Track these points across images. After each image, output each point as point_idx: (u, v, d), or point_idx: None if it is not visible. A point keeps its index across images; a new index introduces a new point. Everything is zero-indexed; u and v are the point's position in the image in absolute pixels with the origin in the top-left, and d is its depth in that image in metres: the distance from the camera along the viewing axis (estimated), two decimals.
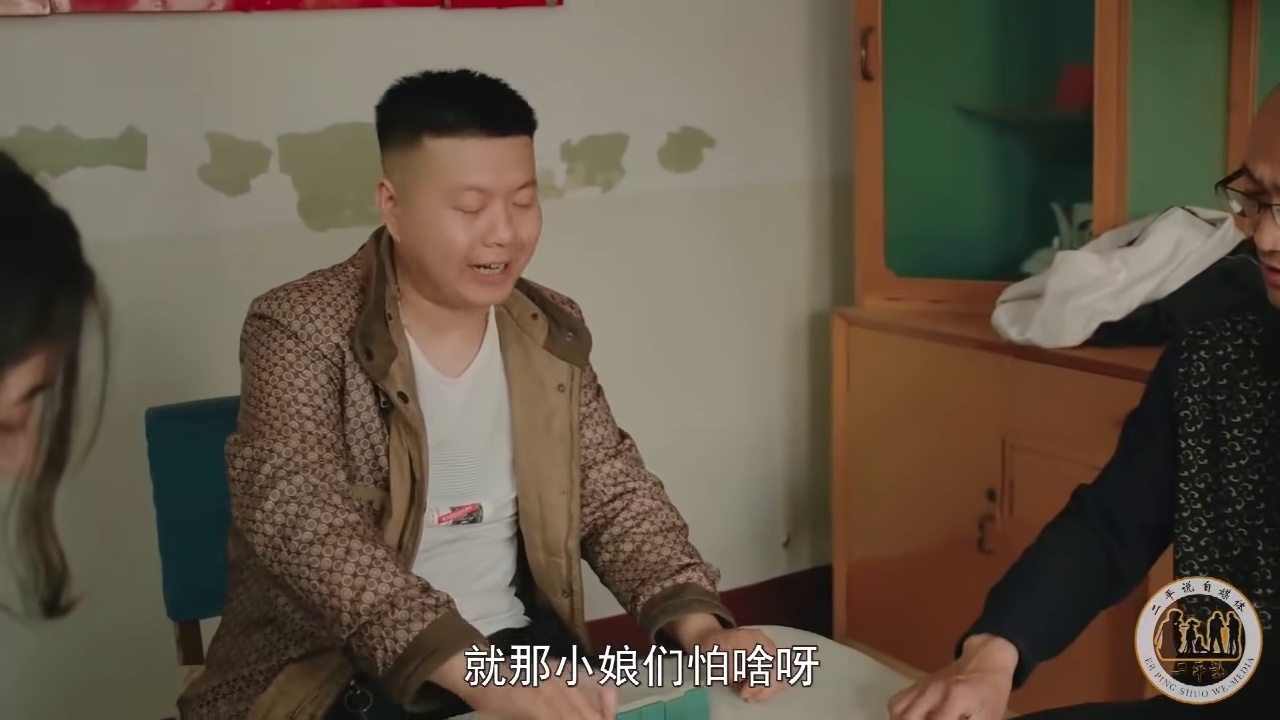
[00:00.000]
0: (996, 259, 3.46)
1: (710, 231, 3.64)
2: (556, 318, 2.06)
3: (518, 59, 3.27)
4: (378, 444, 1.91)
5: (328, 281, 1.95)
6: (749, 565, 3.78)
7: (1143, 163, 3.10)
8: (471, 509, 2.00)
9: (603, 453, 2.10)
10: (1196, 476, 1.77)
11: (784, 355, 3.80)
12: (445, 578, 1.96)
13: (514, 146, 1.88)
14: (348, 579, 1.71)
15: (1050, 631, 1.76)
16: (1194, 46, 3.19)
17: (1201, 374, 1.77)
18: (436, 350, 1.98)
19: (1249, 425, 1.72)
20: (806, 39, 3.71)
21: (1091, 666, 2.96)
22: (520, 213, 1.90)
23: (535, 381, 2.03)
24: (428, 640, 1.66)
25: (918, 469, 3.33)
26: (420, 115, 1.88)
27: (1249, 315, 1.77)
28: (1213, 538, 1.75)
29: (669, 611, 1.91)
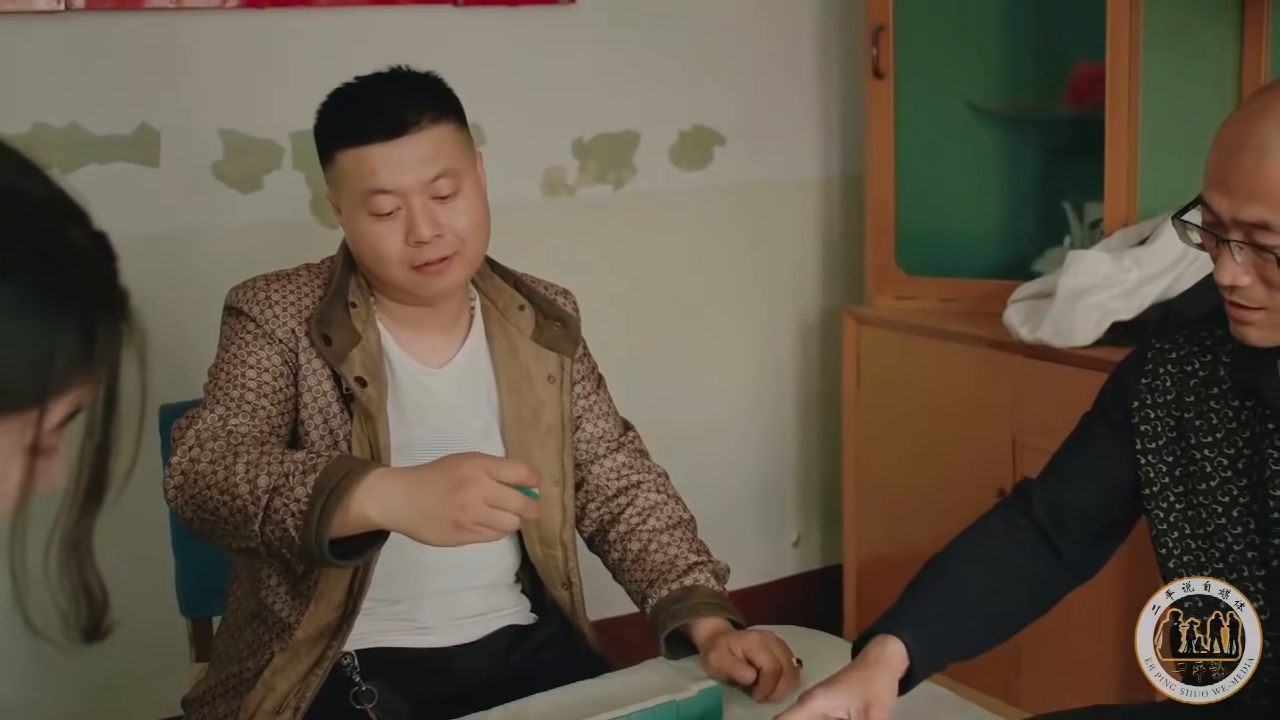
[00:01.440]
0: (1007, 258, 3.46)
1: (721, 229, 3.64)
2: (543, 308, 2.06)
3: (529, 57, 3.30)
4: (338, 429, 1.91)
5: (297, 272, 1.98)
6: (759, 564, 3.78)
7: (1154, 161, 3.09)
8: None
9: (605, 446, 2.10)
10: (1161, 494, 1.73)
11: (794, 353, 3.80)
12: (445, 572, 1.98)
13: (418, 142, 1.86)
14: (241, 477, 1.67)
15: (951, 627, 1.70)
16: (1205, 43, 3.19)
17: (1166, 388, 1.73)
18: (414, 343, 1.99)
19: (1220, 445, 1.68)
20: (818, 37, 3.71)
21: (1103, 669, 2.96)
22: (443, 204, 1.88)
23: (522, 373, 2.02)
24: (324, 482, 1.61)
25: (928, 468, 3.33)
26: (328, 131, 1.90)
27: (1216, 330, 1.71)
28: (1180, 558, 1.72)
29: (677, 616, 1.91)
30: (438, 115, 1.88)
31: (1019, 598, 1.81)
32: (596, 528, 2.10)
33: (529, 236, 3.25)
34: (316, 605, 1.90)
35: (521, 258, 2.22)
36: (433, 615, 2.00)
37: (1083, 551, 1.83)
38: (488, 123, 3.23)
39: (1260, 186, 1.48)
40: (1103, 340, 2.92)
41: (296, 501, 1.62)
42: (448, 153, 1.88)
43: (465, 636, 2.02)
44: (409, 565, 1.97)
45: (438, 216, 1.87)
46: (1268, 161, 1.48)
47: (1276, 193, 1.48)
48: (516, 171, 3.32)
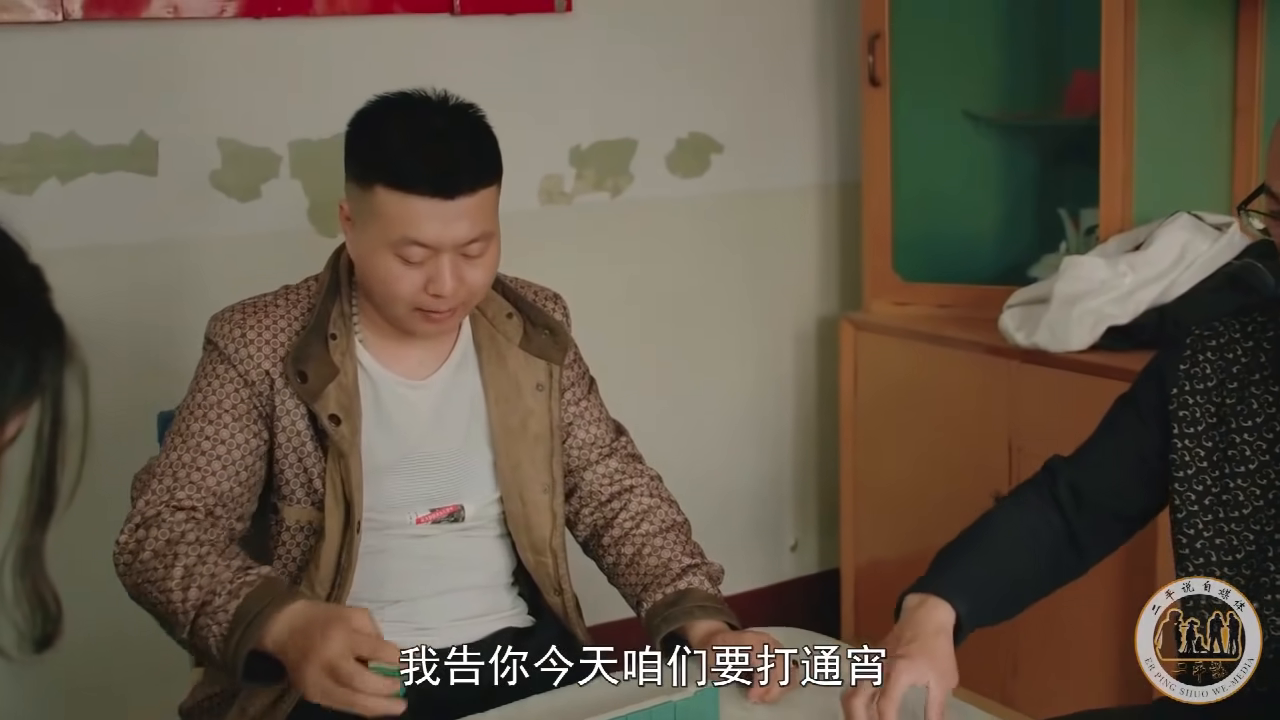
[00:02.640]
0: (1003, 264, 3.47)
1: (718, 237, 3.65)
2: (532, 316, 2.06)
3: (527, 65, 3.31)
4: (311, 467, 1.93)
5: (275, 303, 1.97)
6: (757, 569, 3.78)
7: (1149, 168, 3.10)
8: (453, 509, 2.01)
9: (598, 452, 2.11)
10: (1195, 478, 1.77)
11: (792, 360, 3.81)
12: (435, 577, 2.00)
13: (467, 205, 1.84)
14: (176, 584, 1.75)
15: (992, 595, 1.74)
16: (1200, 51, 3.20)
17: (1207, 375, 1.77)
18: (400, 357, 1.99)
19: (1260, 429, 1.72)
20: (814, 45, 3.72)
21: (1099, 671, 2.97)
22: (468, 263, 1.88)
23: (510, 382, 2.03)
24: (244, 612, 1.69)
25: (925, 473, 3.34)
26: (375, 161, 1.86)
27: (1258, 317, 1.76)
28: (1210, 540, 1.75)
29: (671, 620, 1.91)
30: (490, 178, 1.89)
31: (1041, 571, 1.84)
32: (590, 533, 2.11)
33: (526, 244, 3.25)
34: None
35: (519, 265, 2.22)
36: (430, 616, 2.02)
37: (1094, 537, 1.86)
38: None
39: None
40: (1098, 345, 2.94)
41: (219, 625, 1.70)
42: (487, 216, 1.89)
43: (463, 637, 2.02)
44: (400, 569, 1.99)
45: (461, 272, 1.87)
46: None
47: None
48: (514, 179, 3.26)
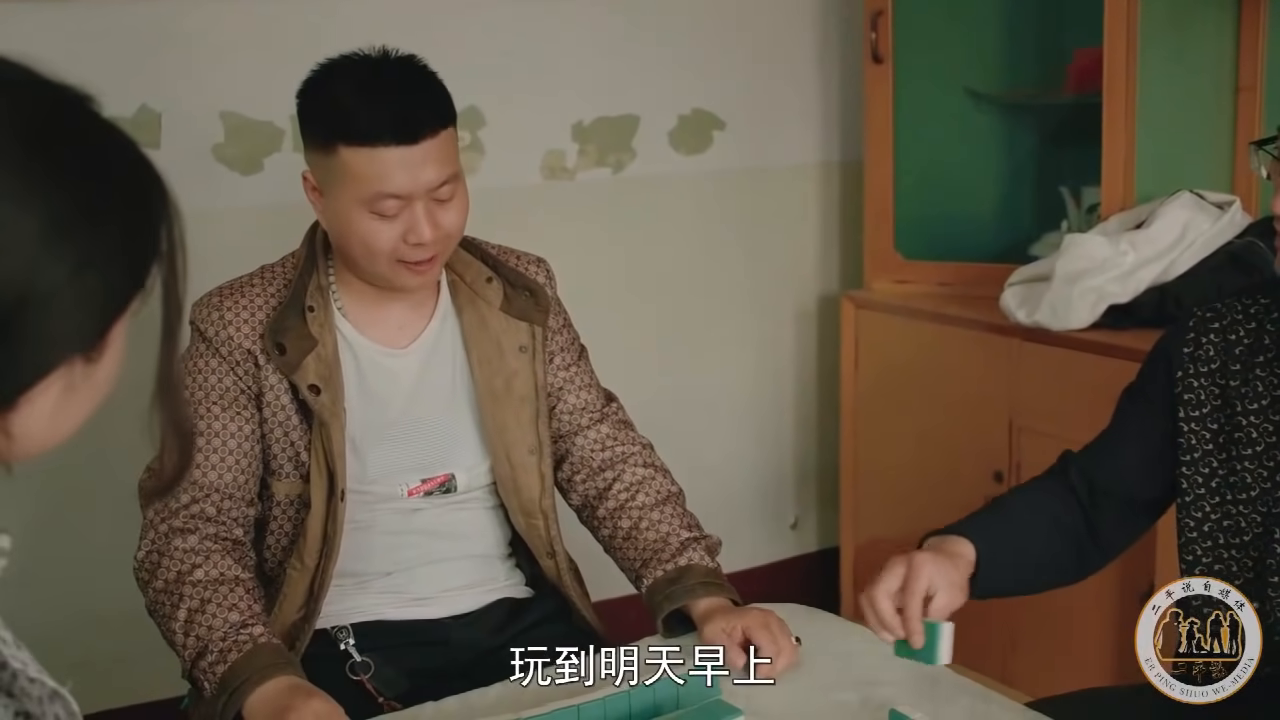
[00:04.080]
0: (1005, 242, 3.47)
1: (720, 214, 3.65)
2: (511, 278, 2.06)
3: (529, 40, 3.30)
4: (297, 440, 1.96)
5: (251, 282, 2.00)
6: (757, 547, 3.79)
7: (1151, 146, 3.10)
8: (444, 479, 2.03)
9: (588, 418, 2.11)
10: (1202, 460, 1.77)
11: (792, 338, 3.81)
12: (428, 547, 2.03)
13: (430, 148, 1.86)
14: (180, 625, 1.83)
15: (1010, 558, 1.77)
16: (1202, 29, 3.19)
17: (1211, 357, 1.77)
18: (379, 325, 2.01)
19: (1265, 411, 1.72)
20: (817, 22, 3.72)
21: (1097, 652, 2.98)
22: (441, 206, 1.89)
23: (493, 345, 2.04)
24: (228, 680, 1.75)
25: (925, 451, 3.34)
26: (333, 122, 1.86)
27: (1261, 299, 1.77)
28: (1217, 523, 1.76)
29: (673, 598, 1.92)
30: (444, 120, 1.89)
31: (1061, 554, 1.86)
32: (583, 502, 2.12)
33: (528, 219, 3.27)
34: (280, 607, 1.97)
35: (520, 240, 2.22)
36: (425, 585, 2.03)
37: (1113, 529, 1.88)
38: (488, 106, 3.24)
39: None
40: (1099, 324, 2.93)
41: (209, 683, 1.78)
42: (451, 157, 1.90)
43: (460, 607, 2.04)
44: (392, 541, 2.01)
45: (436, 217, 1.88)
46: None
47: None
48: (516, 155, 3.32)
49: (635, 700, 1.64)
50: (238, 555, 1.90)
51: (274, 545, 2.01)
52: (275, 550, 2.01)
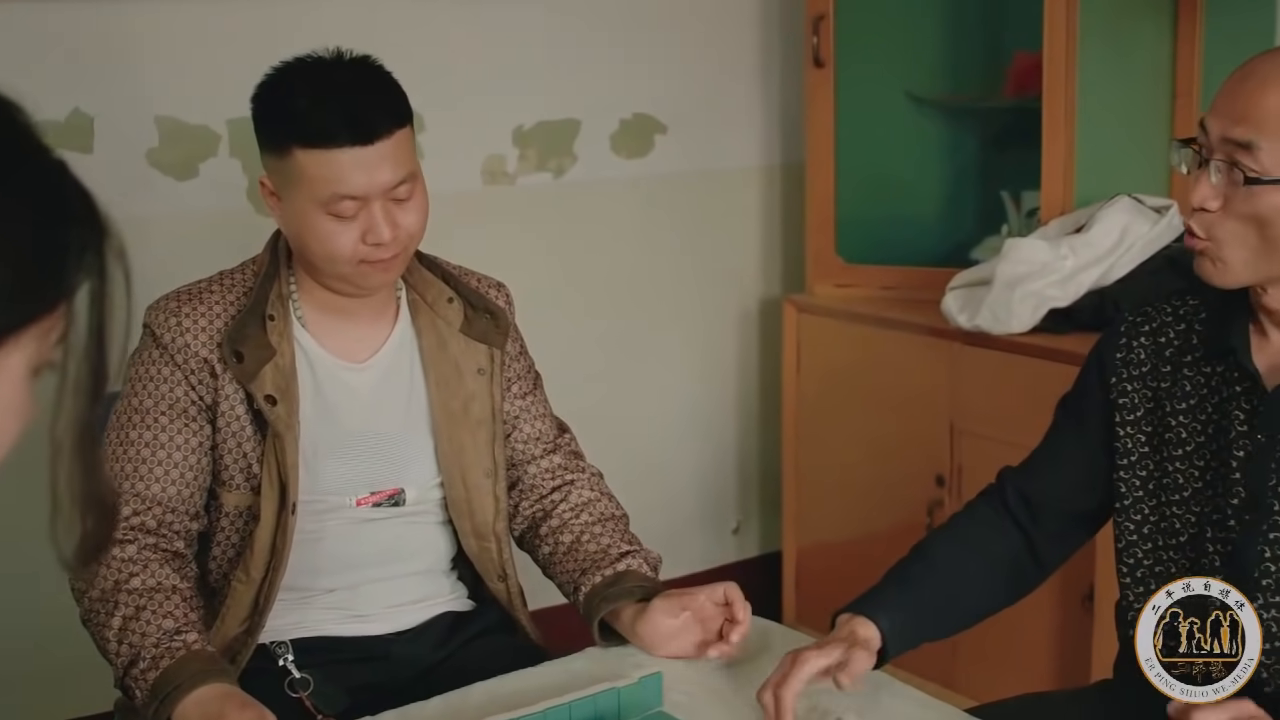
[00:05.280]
0: (946, 246, 3.48)
1: (662, 218, 3.64)
2: (472, 300, 2.05)
3: (470, 44, 3.28)
4: (250, 451, 1.93)
5: (210, 288, 1.97)
6: (698, 552, 3.79)
7: (1090, 150, 3.12)
8: (393, 492, 2.00)
9: (541, 447, 2.10)
10: (1138, 464, 1.78)
11: (735, 342, 3.81)
12: (375, 559, 2.00)
13: (387, 147, 1.84)
14: (114, 634, 1.79)
15: (924, 618, 1.79)
16: (1140, 35, 3.22)
17: (1142, 360, 1.78)
18: (338, 337, 1.98)
19: (1193, 411, 1.73)
20: (759, 26, 3.72)
21: (1038, 656, 2.99)
22: (400, 206, 1.88)
23: (451, 366, 2.02)
24: (160, 686, 1.72)
25: (867, 455, 3.35)
26: (288, 125, 1.85)
27: (1190, 300, 1.78)
28: (1155, 525, 1.77)
29: (610, 599, 1.91)
30: (400, 119, 1.87)
31: (994, 585, 1.88)
32: (528, 525, 2.10)
33: (469, 225, 3.25)
34: (223, 621, 1.94)
35: (462, 245, 2.21)
36: (369, 602, 2.01)
37: (1051, 545, 1.89)
38: (428, 110, 3.20)
39: (1253, 110, 1.57)
40: (1039, 327, 2.95)
41: (140, 690, 1.74)
42: (407, 157, 1.88)
43: (402, 624, 2.02)
44: (339, 554, 1.98)
45: (395, 217, 1.87)
46: (1267, 90, 1.57)
47: (1264, 117, 1.56)
48: (456, 159, 3.30)
49: (576, 712, 1.63)
50: (176, 565, 1.87)
51: (219, 557, 1.98)
52: (220, 562, 1.98)
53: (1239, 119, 1.58)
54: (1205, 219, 1.63)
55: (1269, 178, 1.57)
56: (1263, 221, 1.59)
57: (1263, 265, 1.62)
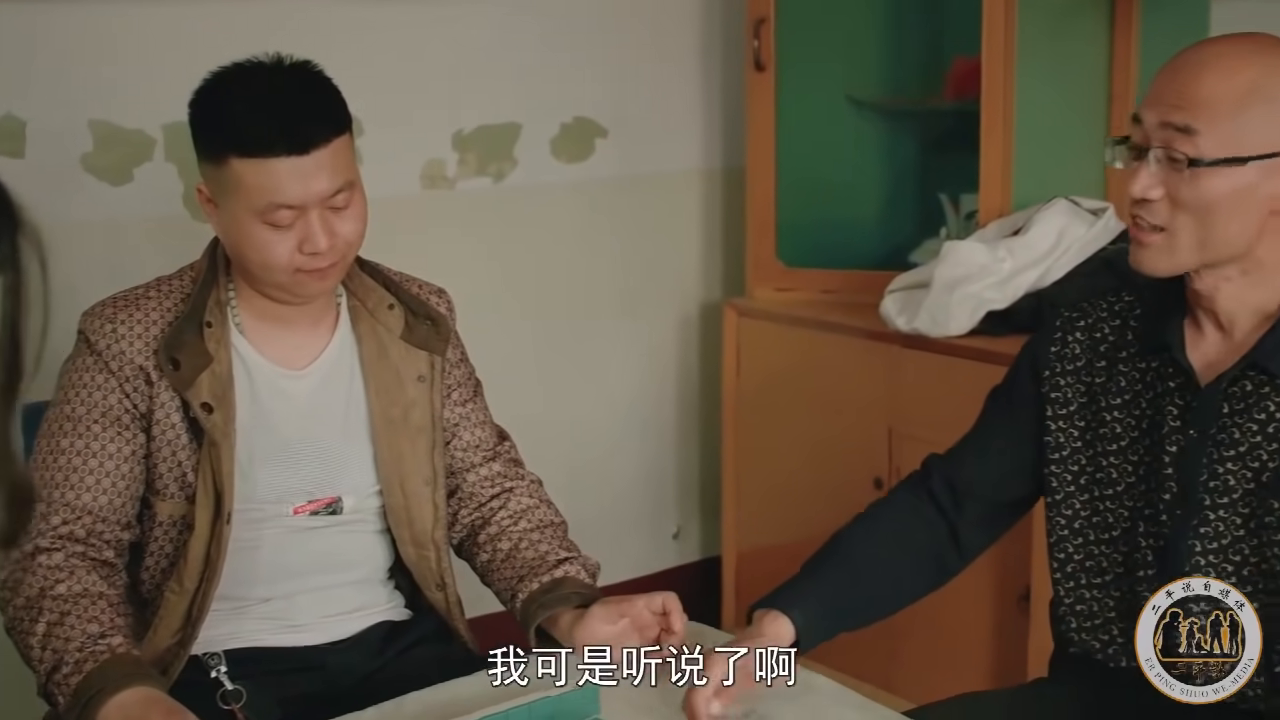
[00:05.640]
0: (885, 249, 3.50)
1: (602, 222, 3.64)
2: (413, 307, 2.04)
3: (408, 47, 3.27)
4: (185, 460, 1.91)
5: (147, 295, 1.95)
6: (638, 557, 3.78)
7: (1028, 153, 3.14)
8: (331, 500, 1.99)
9: (480, 455, 2.10)
10: (1070, 458, 1.79)
11: (675, 346, 3.81)
12: (311, 568, 1.99)
13: (324, 156, 1.82)
14: (37, 640, 1.77)
15: (839, 610, 1.80)
16: (1078, 39, 3.24)
17: (1076, 355, 1.80)
18: (277, 344, 1.97)
19: (1128, 406, 1.75)
20: (699, 29, 3.72)
21: (976, 657, 3.01)
22: (337, 215, 1.86)
23: (392, 373, 2.01)
24: (83, 690, 1.70)
25: (807, 458, 3.35)
26: (224, 133, 1.83)
27: (1125, 296, 1.80)
28: (1087, 519, 1.78)
29: (547, 606, 1.90)
30: (339, 128, 1.86)
31: (912, 574, 1.88)
32: (467, 532, 2.10)
33: (408, 230, 3.23)
34: (155, 632, 1.92)
35: (401, 251, 2.20)
36: (304, 612, 1.99)
37: (974, 533, 1.90)
38: (365, 114, 3.17)
39: (1192, 95, 1.59)
40: (977, 330, 2.96)
41: (63, 695, 1.72)
42: (345, 165, 1.87)
43: (338, 633, 2.01)
44: (275, 563, 1.96)
45: (332, 226, 1.85)
46: (1205, 74, 1.59)
47: (1205, 101, 1.58)
48: (395, 164, 3.29)
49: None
50: (104, 573, 1.85)
51: (152, 567, 1.96)
52: (154, 572, 1.96)
53: (1177, 104, 1.59)
54: (1154, 209, 1.63)
55: (1210, 159, 1.58)
56: (1206, 205, 1.60)
57: (1205, 251, 1.63)
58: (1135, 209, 1.65)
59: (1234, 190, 1.59)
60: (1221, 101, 1.57)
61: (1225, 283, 1.66)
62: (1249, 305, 1.67)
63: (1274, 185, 1.60)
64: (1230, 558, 1.66)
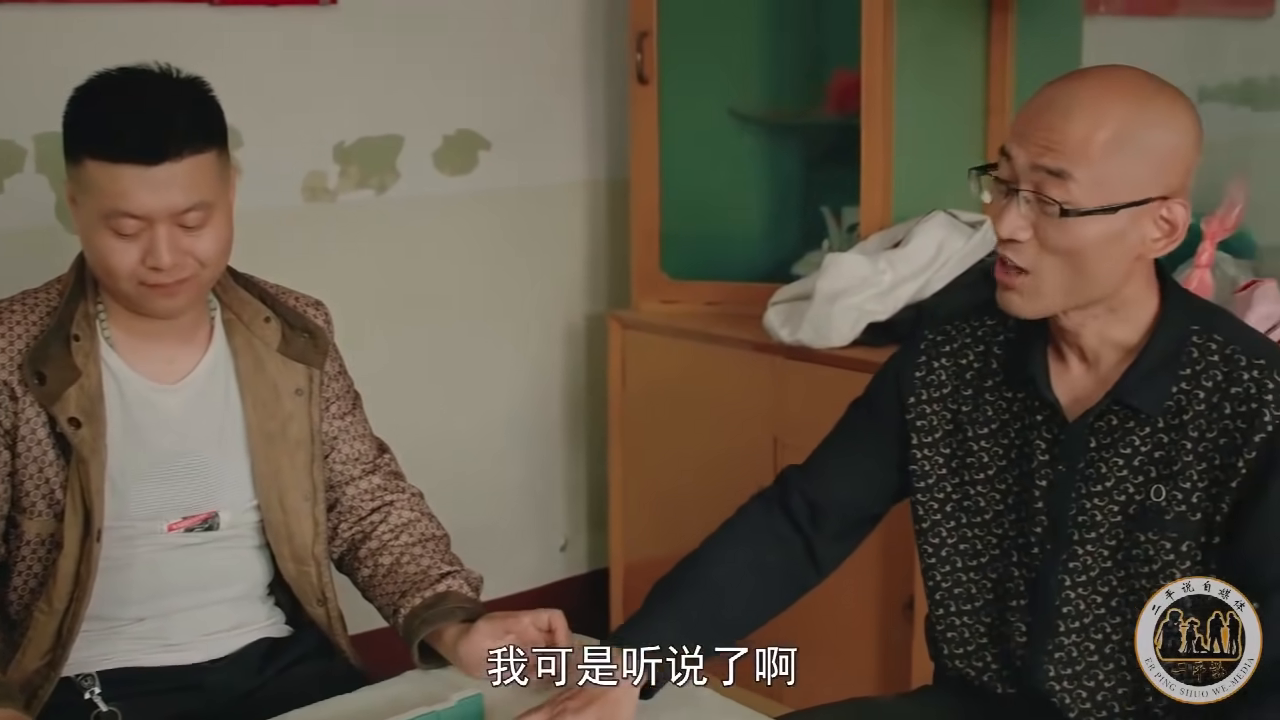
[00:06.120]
0: (769, 261, 3.52)
1: (487, 234, 3.62)
2: (290, 320, 2.02)
3: (288, 58, 3.23)
4: (53, 476, 1.87)
5: (11, 308, 1.91)
6: (526, 570, 3.77)
7: (908, 166, 3.18)
8: (207, 516, 1.96)
9: (360, 468, 2.08)
10: (936, 486, 1.80)
11: (561, 359, 3.80)
12: (187, 586, 1.95)
13: (178, 170, 1.78)
14: None
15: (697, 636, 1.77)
16: (955, 53, 3.29)
17: (943, 382, 1.79)
18: (148, 358, 1.93)
19: (995, 435, 1.75)
20: (583, 42, 3.72)
21: (862, 662, 3.03)
22: (188, 234, 1.81)
23: (269, 387, 1.98)
24: None
25: (693, 469, 3.36)
26: (81, 133, 1.80)
27: (988, 320, 1.78)
28: (954, 546, 1.79)
29: (430, 621, 1.89)
30: (203, 144, 1.81)
31: (767, 595, 1.87)
32: (348, 547, 2.07)
33: (289, 243, 3.20)
34: (24, 653, 1.87)
35: (283, 264, 2.17)
36: (181, 631, 1.96)
37: (831, 547, 1.89)
38: (245, 126, 3.14)
39: (1064, 138, 1.57)
40: (859, 341, 2.99)
41: None
42: (204, 184, 1.81)
43: (216, 652, 1.98)
44: (149, 582, 1.92)
45: (180, 243, 1.81)
46: (1076, 117, 1.57)
47: (1077, 146, 1.56)
48: (276, 176, 3.25)
49: None
50: None
51: (20, 587, 1.91)
52: (22, 592, 1.91)
53: (1047, 146, 1.58)
54: (1022, 251, 1.61)
55: (1083, 209, 1.57)
56: (1076, 253, 1.59)
57: (1073, 294, 1.63)
58: (1002, 248, 1.63)
59: (1104, 236, 1.58)
60: (1093, 147, 1.56)
61: (1092, 320, 1.66)
62: (1112, 340, 1.67)
63: (1142, 229, 1.60)
64: (1099, 589, 1.68)
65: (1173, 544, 1.63)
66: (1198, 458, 1.62)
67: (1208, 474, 1.61)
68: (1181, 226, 1.61)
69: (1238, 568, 1.59)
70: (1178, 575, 1.62)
